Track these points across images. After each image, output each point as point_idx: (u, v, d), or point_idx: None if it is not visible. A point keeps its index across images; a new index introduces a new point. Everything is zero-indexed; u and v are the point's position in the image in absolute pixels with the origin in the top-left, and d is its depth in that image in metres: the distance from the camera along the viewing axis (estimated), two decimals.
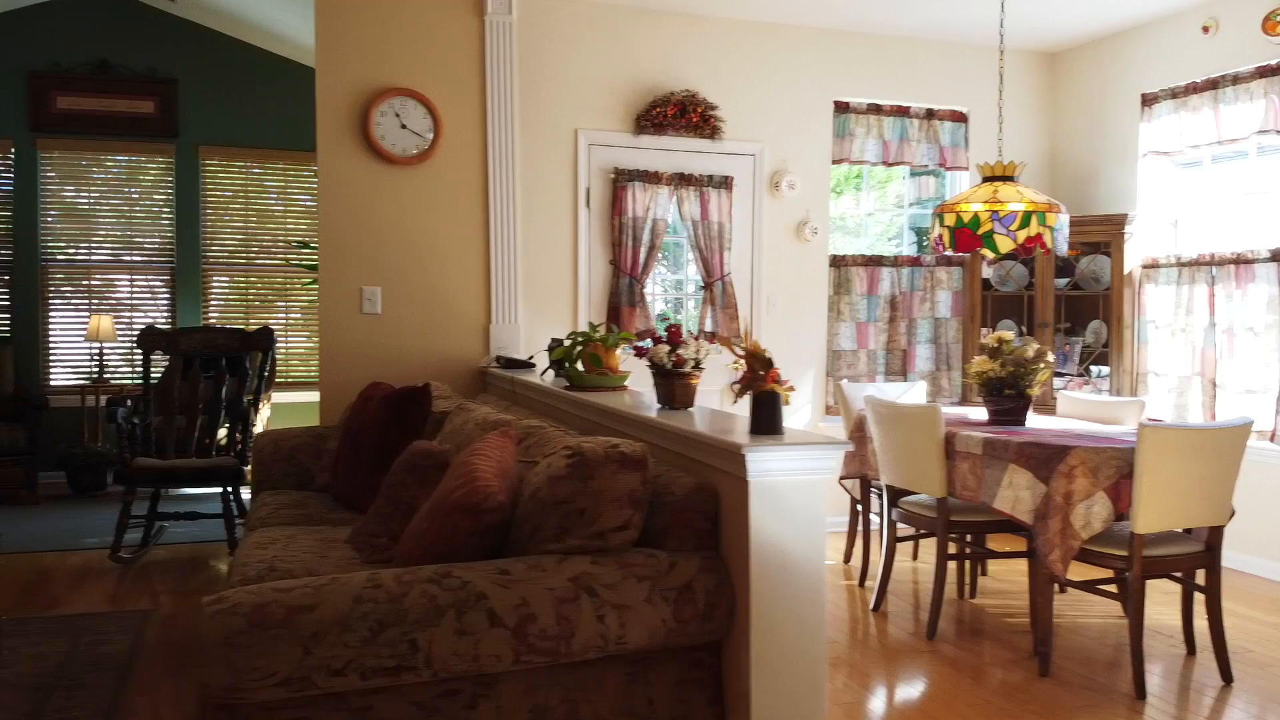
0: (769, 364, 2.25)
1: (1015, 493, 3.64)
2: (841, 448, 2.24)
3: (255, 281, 7.61)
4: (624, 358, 3.73)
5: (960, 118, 6.02)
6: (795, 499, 2.20)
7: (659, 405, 2.94)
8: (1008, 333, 4.24)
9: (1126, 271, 5.59)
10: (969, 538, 4.33)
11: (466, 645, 2.02)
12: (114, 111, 7.17)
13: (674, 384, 2.80)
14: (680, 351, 2.75)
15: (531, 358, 4.77)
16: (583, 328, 5.39)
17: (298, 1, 6.44)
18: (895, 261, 5.91)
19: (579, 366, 3.63)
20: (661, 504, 2.33)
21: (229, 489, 4.97)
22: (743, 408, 4.19)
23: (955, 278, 5.99)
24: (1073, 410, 4.65)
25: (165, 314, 7.39)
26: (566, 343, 3.83)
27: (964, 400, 5.92)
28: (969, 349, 5.87)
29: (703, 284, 5.54)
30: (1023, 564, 4.97)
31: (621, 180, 5.34)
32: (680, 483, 2.36)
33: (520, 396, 4.40)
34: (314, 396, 7.58)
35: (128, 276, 7.33)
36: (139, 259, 7.34)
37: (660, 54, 5.46)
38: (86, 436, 6.96)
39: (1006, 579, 4.89)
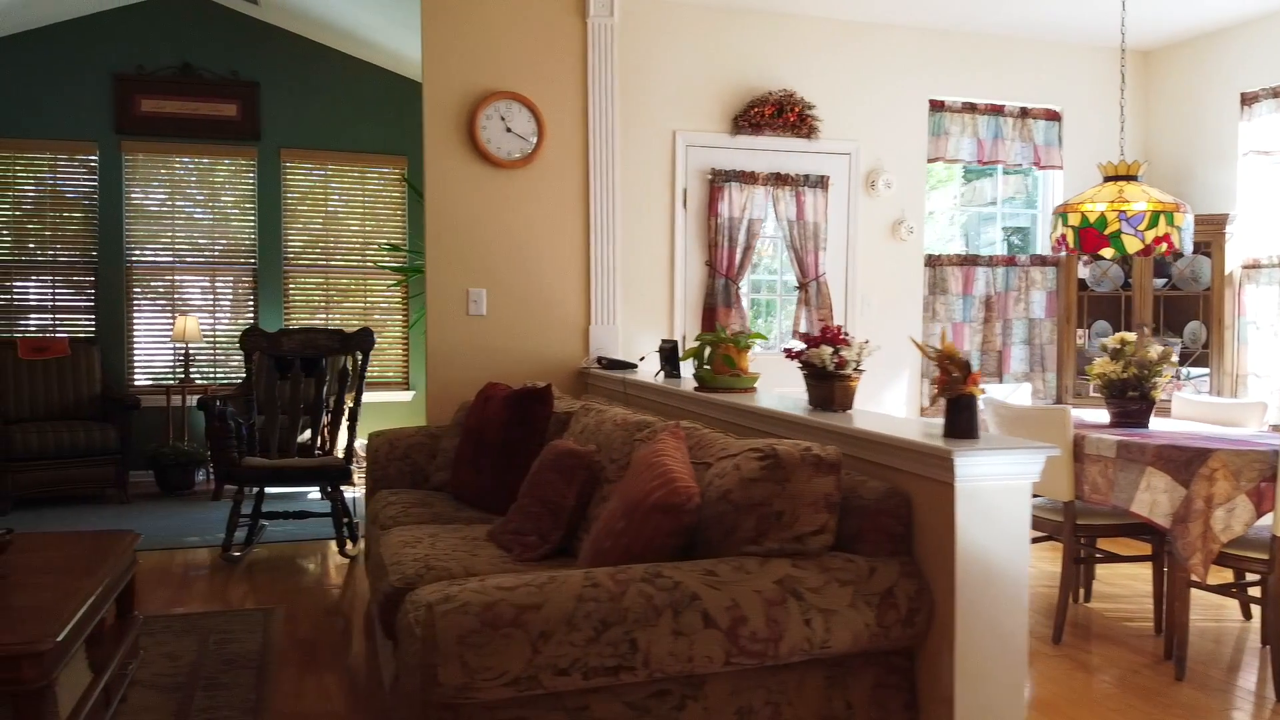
0: (968, 367, 2.23)
1: (1153, 496, 3.60)
2: (1045, 451, 2.22)
3: (335, 282, 7.67)
4: (752, 359, 3.72)
5: (1054, 116, 5.97)
6: (1001, 503, 2.18)
7: (811, 407, 2.93)
8: (1130, 334, 4.19)
9: (1227, 272, 5.51)
10: (1082, 540, 4.28)
11: (682, 646, 2.02)
12: (197, 114, 7.26)
13: (833, 385, 2.79)
14: (843, 353, 2.74)
15: (642, 358, 4.77)
16: (678, 329, 5.40)
17: (380, 5, 6.49)
18: (990, 261, 5.86)
19: (708, 367, 3.62)
20: (851, 508, 2.32)
21: (335, 488, 5.00)
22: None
23: (1049, 278, 5.94)
24: (1190, 412, 4.59)
25: (248, 314, 7.46)
26: (688, 343, 3.83)
27: (1058, 401, 5.86)
28: (1064, 350, 5.82)
29: (797, 284, 5.52)
30: (1129, 567, 4.93)
31: (718, 181, 5.34)
32: (868, 487, 2.35)
33: (633, 398, 4.40)
34: (396, 396, 7.68)
35: (210, 277, 7.42)
36: (221, 260, 7.42)
37: (756, 54, 5.46)
38: (172, 436, 7.05)
39: (1114, 582, 4.84)
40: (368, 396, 7.55)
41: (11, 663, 2.40)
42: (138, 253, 7.27)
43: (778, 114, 5.33)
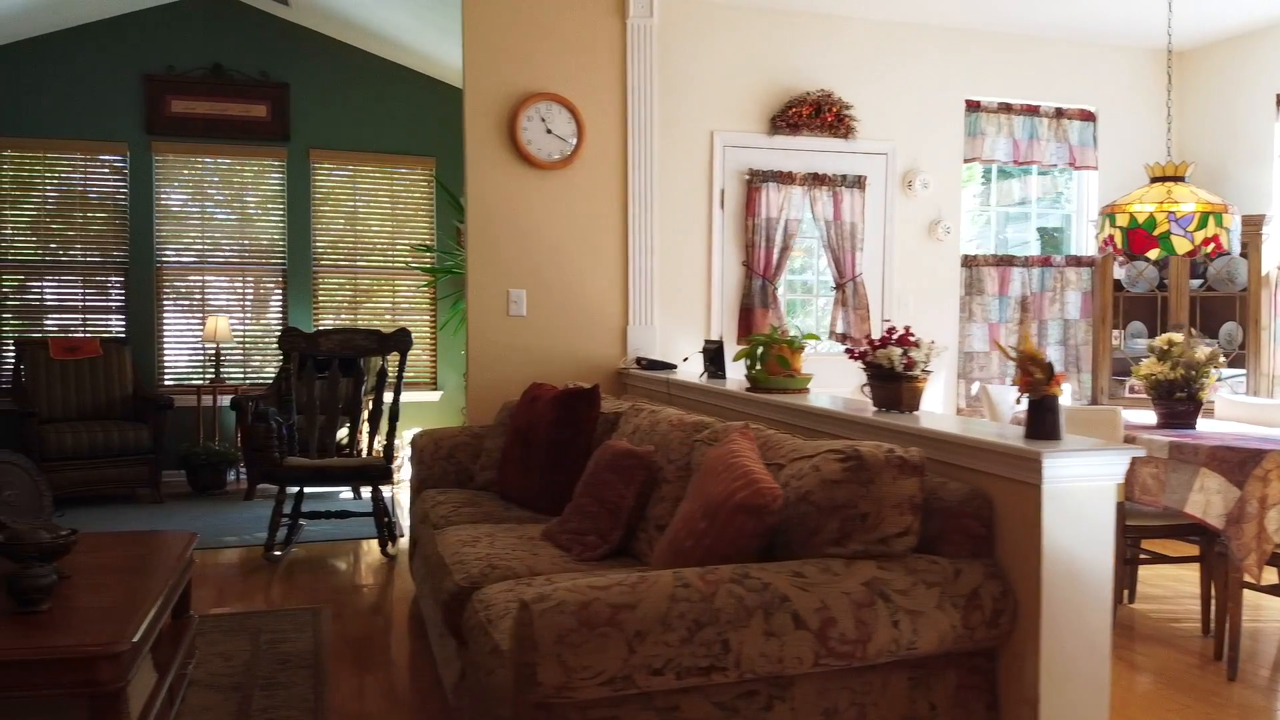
0: (1051, 368, 2.23)
1: (1206, 497, 3.59)
2: (1129, 452, 2.22)
3: (363, 282, 7.69)
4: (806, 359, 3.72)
5: (1088, 116, 5.96)
6: (1087, 505, 2.19)
7: (876, 408, 2.93)
8: (1177, 334, 4.19)
9: (1264, 273, 5.50)
10: (1128, 541, 4.28)
11: (773, 647, 2.03)
12: (227, 115, 7.28)
13: (901, 387, 2.80)
14: (911, 354, 2.74)
15: (686, 359, 4.77)
16: (715, 330, 5.40)
17: (412, 7, 6.50)
18: (1026, 262, 5.86)
19: (760, 367, 3.62)
20: (932, 510, 2.32)
21: (375, 487, 5.02)
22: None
23: (1084, 278, 5.93)
24: (1233, 413, 4.59)
25: (277, 314, 7.48)
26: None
27: (1093, 402, 5.86)
28: (1099, 351, 5.81)
29: (835, 284, 5.52)
30: (1172, 569, 4.92)
31: (756, 181, 5.34)
32: (949, 488, 2.35)
33: (676, 398, 4.41)
34: (424, 396, 7.69)
35: (239, 277, 7.44)
36: (250, 260, 7.44)
37: (794, 54, 5.46)
38: (203, 435, 7.06)
39: (1157, 584, 4.84)
40: (388, 398, 7.58)
41: (88, 664, 2.41)
42: (168, 253, 7.29)
43: (816, 114, 5.34)
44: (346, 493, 6.67)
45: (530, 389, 4.33)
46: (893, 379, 2.78)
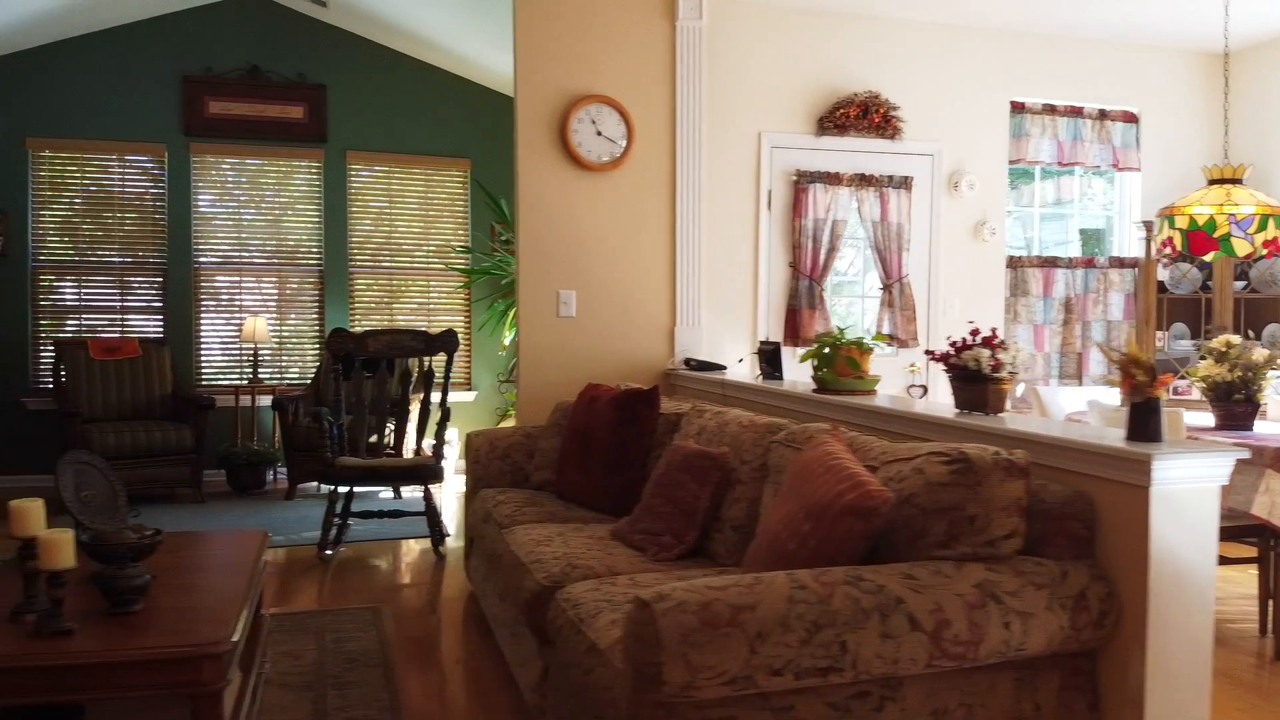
0: (1154, 370, 2.24)
1: (1272, 498, 3.60)
2: (1234, 454, 2.23)
3: (399, 284, 7.71)
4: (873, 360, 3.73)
5: (1131, 118, 5.97)
6: (1193, 506, 2.20)
7: (958, 409, 2.95)
8: (1235, 336, 4.19)
9: None
10: None
11: (889, 648, 2.04)
12: (264, 116, 7.30)
13: (987, 389, 2.81)
14: (1000, 356, 2.75)
15: (740, 359, 4.79)
16: (761, 331, 5.41)
17: (450, 9, 6.52)
18: (1070, 263, 5.87)
19: (826, 369, 3.64)
20: (1033, 512, 2.33)
21: (426, 487, 5.04)
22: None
23: (1127, 280, 5.94)
24: None
25: (314, 315, 7.51)
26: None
27: None
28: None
29: (881, 285, 5.53)
30: (1225, 570, 4.91)
31: (803, 182, 5.36)
32: (1050, 490, 2.36)
33: (732, 399, 4.42)
34: (459, 397, 7.71)
35: (276, 278, 7.46)
36: (288, 261, 7.46)
37: (841, 55, 5.47)
38: (240, 435, 7.09)
39: None
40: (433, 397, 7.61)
41: (193, 664, 2.43)
42: (205, 253, 7.32)
43: (863, 115, 5.35)
44: (385, 492, 6.69)
45: (587, 389, 4.35)
46: (979, 380, 2.80)
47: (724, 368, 4.92)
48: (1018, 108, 5.75)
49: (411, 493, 6.76)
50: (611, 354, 5.07)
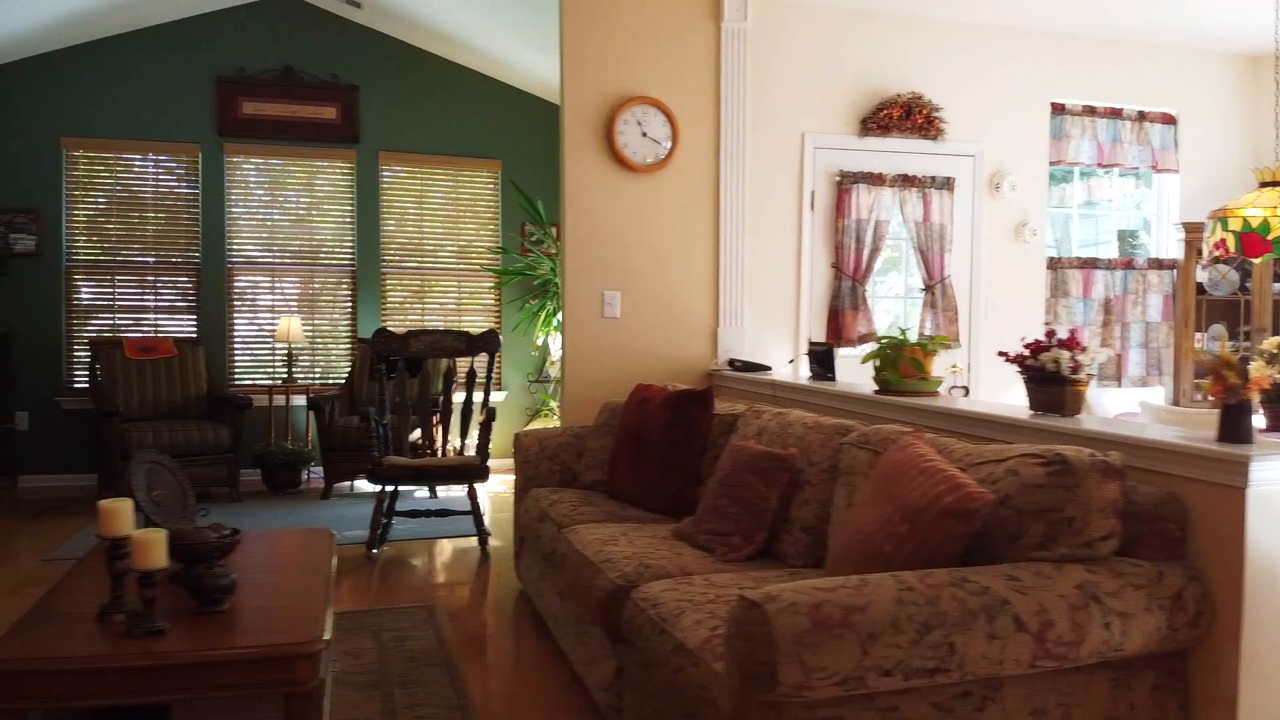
0: (1245, 372, 2.26)
1: None
2: None
3: (430, 284, 7.73)
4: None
5: (1169, 120, 5.98)
6: None
7: (1033, 411, 2.96)
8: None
9: None
10: None
11: (995, 649, 2.06)
12: (297, 117, 7.32)
13: (1065, 390, 2.82)
14: (1079, 357, 2.77)
15: (791, 360, 4.81)
16: (803, 331, 5.43)
17: (482, 9, 6.54)
18: (1110, 264, 5.88)
19: (889, 370, 3.65)
20: (1126, 513, 2.35)
21: (472, 487, 5.06)
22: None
23: (1165, 281, 5.95)
24: None
25: (345, 315, 7.53)
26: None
27: (1174, 405, 5.87)
28: (1180, 354, 5.83)
29: (923, 286, 5.54)
30: None
31: (846, 182, 5.37)
32: (1141, 492, 2.37)
33: (783, 400, 4.43)
34: (493, 397, 7.71)
35: (309, 278, 7.48)
36: (320, 261, 7.49)
37: (883, 56, 5.49)
38: (274, 435, 7.11)
39: None
40: (460, 397, 7.62)
41: (288, 663, 2.45)
42: (238, 253, 7.34)
43: (906, 116, 5.36)
44: (420, 491, 6.71)
45: (638, 390, 4.36)
46: (1056, 382, 2.81)
47: (769, 368, 4.94)
48: (1058, 109, 5.76)
49: (445, 492, 6.79)
50: (655, 354, 5.09)
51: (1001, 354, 3.03)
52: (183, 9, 7.00)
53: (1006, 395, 5.62)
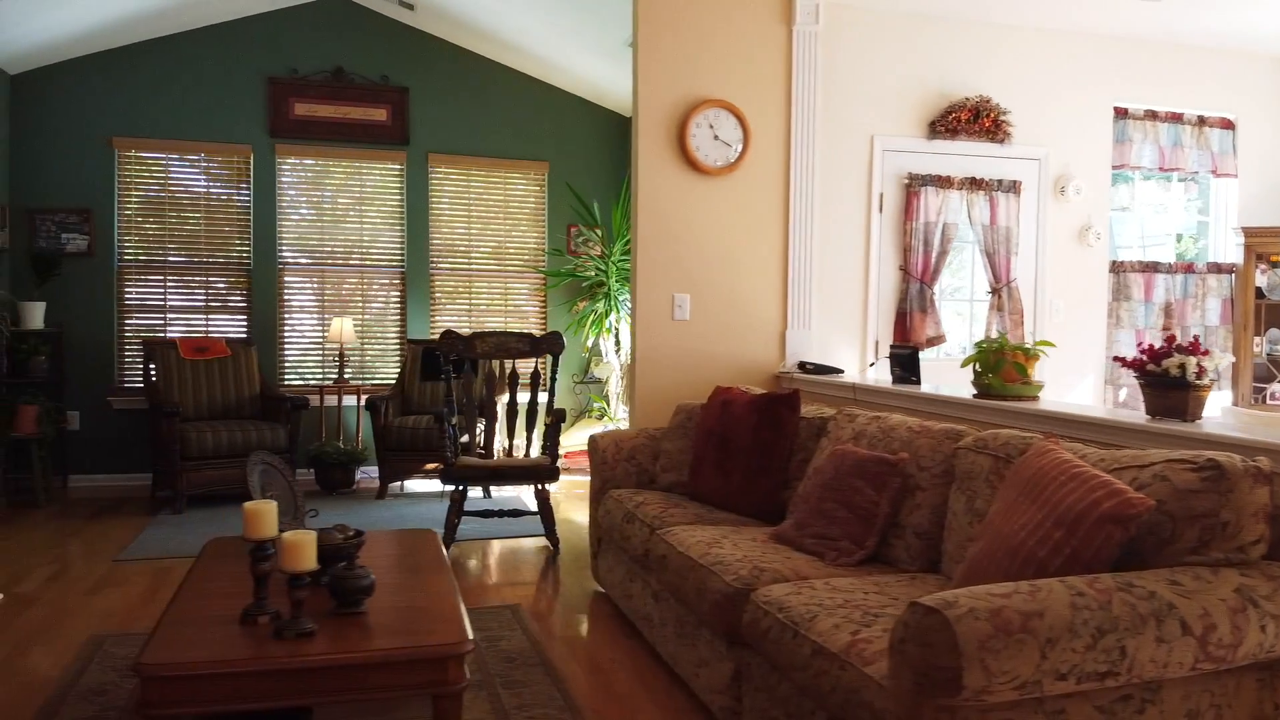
0: None
1: None
2: None
3: (478, 285, 7.76)
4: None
5: (1228, 125, 6.00)
6: None
7: (1150, 416, 2.99)
8: None
9: None
10: None
11: (1162, 653, 2.08)
12: (348, 118, 7.35)
13: (1187, 395, 2.85)
14: (1204, 362, 2.79)
15: (872, 363, 4.83)
16: (871, 334, 5.45)
17: (535, 11, 6.56)
18: (1171, 268, 5.91)
19: (991, 375, 3.67)
20: (1273, 516, 2.37)
21: (543, 487, 5.09)
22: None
23: (1225, 285, 5.98)
24: None
25: (395, 316, 7.56)
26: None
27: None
28: (1240, 358, 5.86)
29: (990, 289, 5.57)
30: None
31: (914, 185, 5.39)
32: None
33: (864, 403, 4.46)
34: (541, 397, 7.73)
35: (359, 279, 7.51)
36: (371, 262, 7.51)
37: (951, 60, 5.51)
38: (325, 435, 7.14)
39: None
40: (505, 398, 7.65)
41: (438, 664, 2.48)
42: (289, 254, 7.36)
43: (974, 119, 5.39)
44: (473, 491, 6.74)
45: (717, 392, 4.39)
46: (1178, 387, 2.83)
47: (841, 371, 4.96)
48: (1120, 113, 5.79)
49: (499, 492, 6.82)
50: (724, 357, 5.12)
51: (1118, 359, 3.06)
52: (234, 10, 7.02)
53: (1069, 395, 5.65)
